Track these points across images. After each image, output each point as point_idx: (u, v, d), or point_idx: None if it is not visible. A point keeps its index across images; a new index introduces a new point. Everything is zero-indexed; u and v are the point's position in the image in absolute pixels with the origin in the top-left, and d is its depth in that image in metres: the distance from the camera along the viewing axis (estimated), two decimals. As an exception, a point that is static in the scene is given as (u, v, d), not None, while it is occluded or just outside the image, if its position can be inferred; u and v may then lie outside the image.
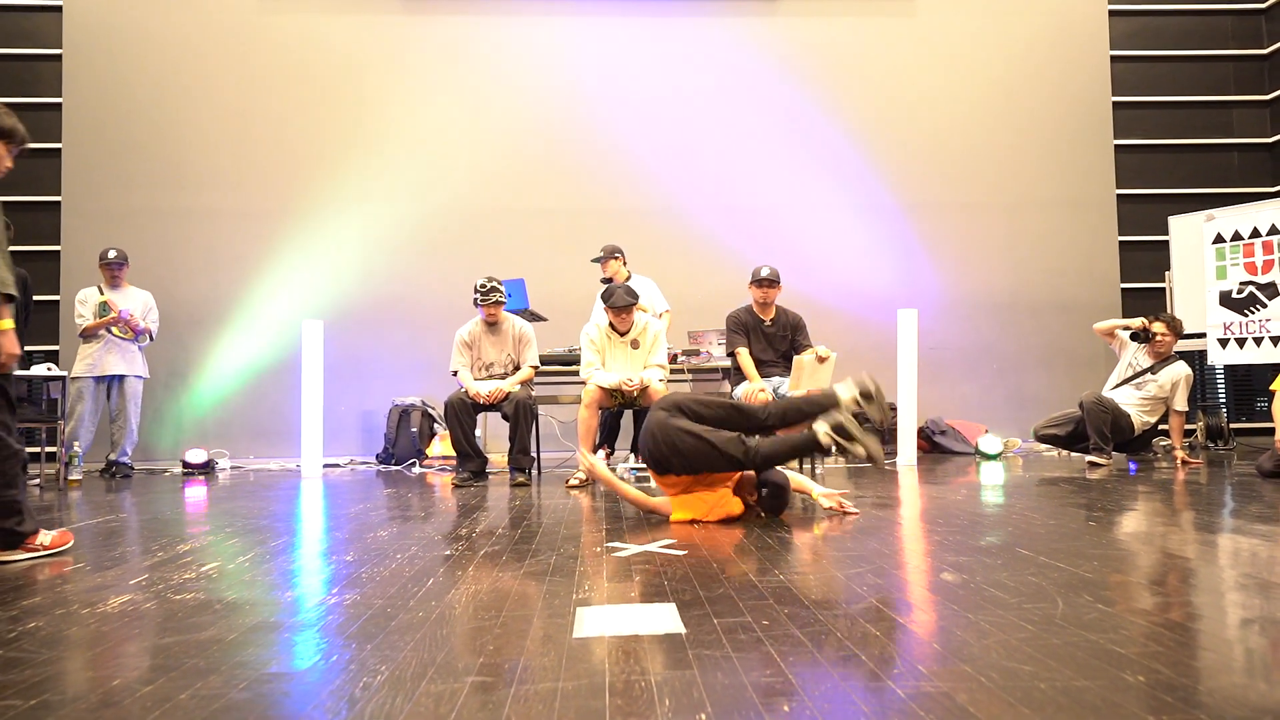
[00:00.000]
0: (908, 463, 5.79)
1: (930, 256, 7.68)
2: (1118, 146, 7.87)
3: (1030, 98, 7.82)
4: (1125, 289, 7.78)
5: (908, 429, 5.85)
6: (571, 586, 2.15)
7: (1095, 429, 5.33)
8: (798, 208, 7.62)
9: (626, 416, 5.80)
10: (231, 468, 6.70)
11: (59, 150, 7.28)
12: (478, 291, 5.15)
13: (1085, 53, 7.88)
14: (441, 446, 6.51)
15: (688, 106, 7.64)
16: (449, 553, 2.67)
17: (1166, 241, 7.22)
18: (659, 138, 7.60)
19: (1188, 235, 6.91)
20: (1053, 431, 5.67)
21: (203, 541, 2.99)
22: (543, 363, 5.47)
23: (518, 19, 7.62)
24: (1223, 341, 6.35)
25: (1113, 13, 7.93)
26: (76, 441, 5.69)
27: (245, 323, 7.30)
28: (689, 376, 6.00)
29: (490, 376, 5.26)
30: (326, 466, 6.29)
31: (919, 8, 7.83)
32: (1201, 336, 6.50)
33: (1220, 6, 8.02)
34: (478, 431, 5.28)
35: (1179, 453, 5.45)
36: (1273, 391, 4.76)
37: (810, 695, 1.35)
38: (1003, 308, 7.68)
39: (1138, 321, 5.58)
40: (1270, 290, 6.09)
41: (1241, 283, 6.25)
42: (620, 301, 4.84)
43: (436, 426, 6.72)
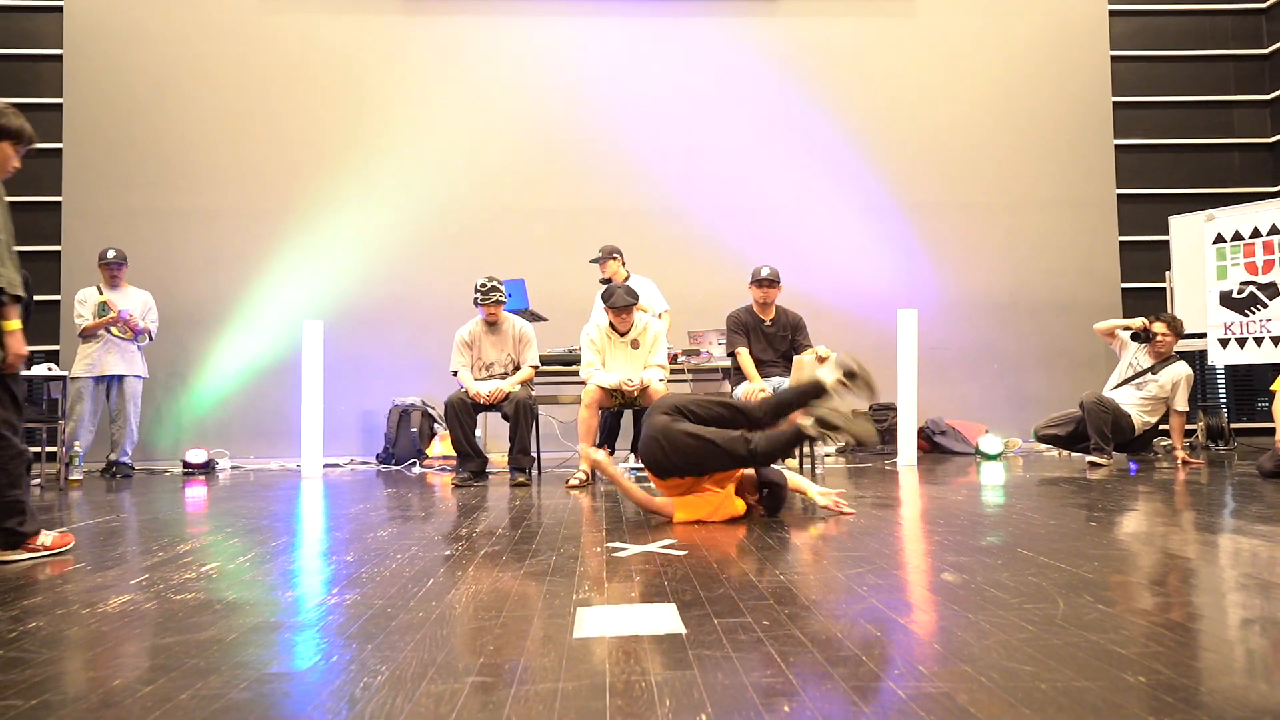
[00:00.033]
0: (908, 463, 5.78)
1: (930, 256, 7.67)
2: (1118, 146, 7.87)
3: (1030, 98, 7.82)
4: (1125, 289, 7.78)
5: (908, 429, 5.84)
6: (572, 587, 2.15)
7: (1096, 429, 5.32)
8: (798, 208, 7.62)
9: (626, 416, 5.80)
10: (232, 468, 6.70)
11: (59, 150, 7.28)
12: (478, 291, 5.15)
13: (1085, 53, 7.88)
14: (442, 446, 6.51)
15: (688, 106, 7.64)
16: (449, 553, 2.67)
17: (1167, 241, 7.21)
18: (659, 137, 7.60)
19: (1188, 235, 6.91)
20: (1053, 431, 5.66)
21: (203, 541, 2.99)
22: (543, 363, 5.47)
23: (518, 19, 7.62)
24: (1223, 341, 6.35)
25: (1113, 13, 7.93)
26: (77, 441, 5.69)
27: (245, 323, 7.30)
28: (689, 376, 6.00)
29: (490, 376, 5.25)
30: (326, 466, 6.28)
31: (919, 8, 7.82)
32: (1202, 336, 6.50)
33: (1220, 6, 8.01)
34: (478, 431, 5.27)
35: (1179, 453, 5.44)
36: (1273, 391, 4.77)
37: (810, 695, 1.35)
38: (1003, 308, 7.68)
39: (1138, 321, 5.57)
40: (1271, 290, 6.09)
41: (1242, 283, 6.25)
42: (620, 301, 4.84)
43: (437, 426, 6.72)
